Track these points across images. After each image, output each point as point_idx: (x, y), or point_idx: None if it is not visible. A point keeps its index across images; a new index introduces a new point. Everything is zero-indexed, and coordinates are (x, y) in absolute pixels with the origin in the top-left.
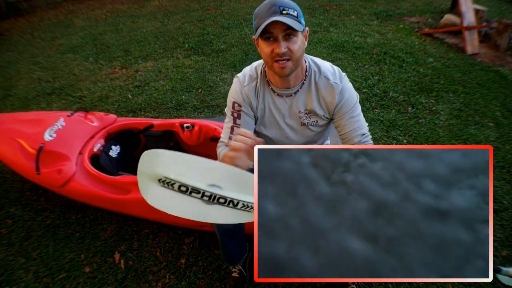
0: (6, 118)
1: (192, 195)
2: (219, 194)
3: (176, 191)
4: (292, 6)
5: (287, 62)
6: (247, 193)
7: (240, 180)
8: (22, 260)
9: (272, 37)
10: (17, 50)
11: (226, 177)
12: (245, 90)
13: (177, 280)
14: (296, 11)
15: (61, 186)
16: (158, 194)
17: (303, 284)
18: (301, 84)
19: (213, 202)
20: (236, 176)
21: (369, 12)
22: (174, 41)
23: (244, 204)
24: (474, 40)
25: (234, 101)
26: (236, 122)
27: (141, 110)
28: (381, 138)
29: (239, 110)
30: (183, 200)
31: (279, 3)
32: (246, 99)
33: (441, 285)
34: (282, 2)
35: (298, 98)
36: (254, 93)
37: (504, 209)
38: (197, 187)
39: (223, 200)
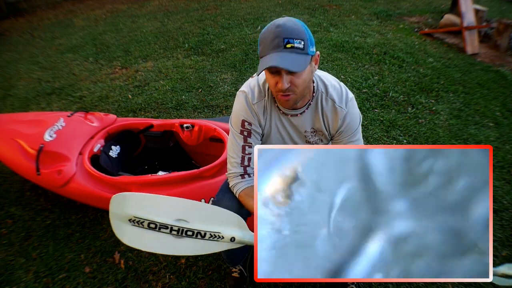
0: (6, 118)
1: (162, 231)
2: (186, 227)
3: (146, 228)
4: (299, 35)
5: (291, 96)
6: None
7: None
8: (22, 260)
9: (275, 70)
10: (17, 50)
11: (192, 211)
12: (254, 108)
13: (177, 280)
14: (303, 41)
15: (61, 187)
16: (131, 233)
17: (303, 284)
18: (308, 105)
19: (182, 235)
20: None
21: (369, 12)
22: (174, 41)
23: (212, 234)
24: (474, 40)
25: (244, 119)
26: (247, 141)
27: (141, 110)
28: (381, 138)
29: (249, 129)
30: (154, 236)
31: (284, 33)
32: (255, 117)
33: (441, 285)
34: (287, 31)
35: (304, 118)
36: (263, 112)
37: (504, 209)
38: (165, 223)
39: (190, 232)
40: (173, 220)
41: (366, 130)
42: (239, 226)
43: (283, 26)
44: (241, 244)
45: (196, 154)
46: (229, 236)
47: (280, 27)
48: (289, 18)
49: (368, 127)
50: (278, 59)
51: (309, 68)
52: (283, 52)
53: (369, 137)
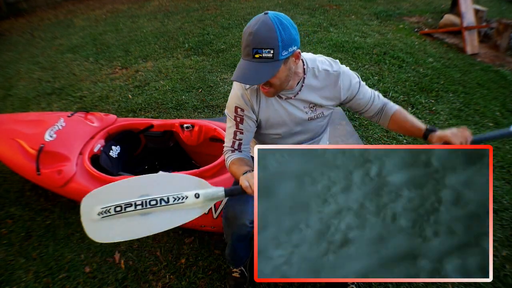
0: (6, 118)
1: (128, 211)
2: (149, 198)
3: (114, 215)
4: (269, 44)
5: (270, 89)
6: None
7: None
8: (22, 260)
9: None
10: (17, 50)
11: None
12: (247, 93)
13: (177, 280)
14: (273, 50)
15: (61, 187)
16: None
17: (303, 284)
18: (301, 85)
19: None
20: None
21: (369, 12)
22: (174, 41)
23: (175, 197)
24: (474, 40)
25: (236, 106)
26: (239, 127)
27: (141, 110)
28: (381, 138)
29: (241, 115)
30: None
31: (253, 43)
32: (248, 103)
33: (441, 285)
34: (256, 41)
35: (300, 97)
36: (256, 97)
37: (504, 209)
38: (128, 202)
39: (154, 201)
40: (136, 197)
41: (366, 130)
42: (199, 183)
43: (255, 34)
44: (210, 201)
45: (196, 154)
46: (192, 193)
47: (251, 35)
48: (264, 21)
49: (368, 127)
50: (243, 73)
51: (283, 68)
52: (251, 62)
53: (369, 137)
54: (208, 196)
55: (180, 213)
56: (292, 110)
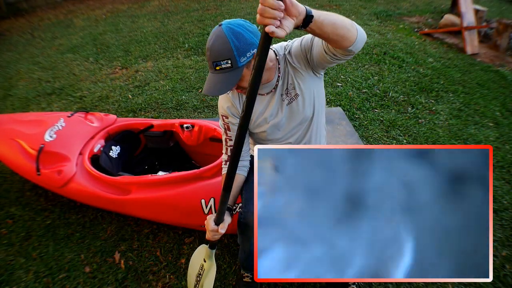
0: (6, 118)
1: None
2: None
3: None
4: (226, 55)
5: (243, 90)
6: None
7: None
8: (22, 260)
9: None
10: (17, 50)
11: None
12: (229, 98)
13: (177, 280)
14: (230, 59)
15: (61, 187)
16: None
17: (303, 284)
18: (277, 75)
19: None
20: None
21: (369, 12)
22: (174, 41)
23: (200, 270)
24: (474, 40)
25: (222, 115)
26: (228, 134)
27: (141, 110)
28: (381, 138)
29: (227, 123)
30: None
31: (212, 57)
32: (232, 108)
33: (441, 285)
34: (214, 55)
35: (280, 88)
36: (238, 99)
37: (504, 209)
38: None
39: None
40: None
41: (366, 130)
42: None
43: (211, 50)
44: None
45: (196, 154)
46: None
47: (208, 51)
48: (218, 35)
49: (368, 127)
50: (209, 86)
51: (246, 72)
52: (215, 74)
53: (369, 137)
54: (207, 256)
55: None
56: (273, 106)
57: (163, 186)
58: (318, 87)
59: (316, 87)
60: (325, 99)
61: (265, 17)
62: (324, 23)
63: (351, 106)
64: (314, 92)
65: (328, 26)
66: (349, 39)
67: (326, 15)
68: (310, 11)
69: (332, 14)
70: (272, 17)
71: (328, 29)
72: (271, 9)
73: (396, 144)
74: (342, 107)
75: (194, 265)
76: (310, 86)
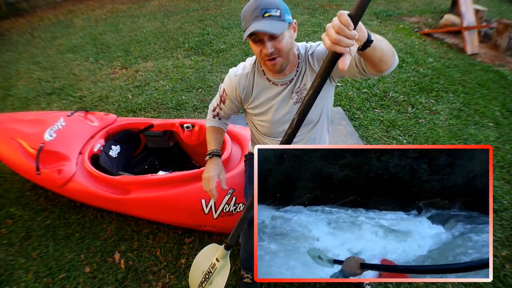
0: (6, 118)
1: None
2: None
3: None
4: (275, 5)
5: (277, 59)
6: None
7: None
8: (22, 260)
9: (258, 39)
10: (17, 50)
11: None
12: (236, 79)
13: (177, 280)
14: (279, 10)
15: (61, 186)
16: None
17: (303, 284)
18: (296, 70)
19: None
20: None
21: (369, 12)
22: (174, 41)
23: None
24: (474, 40)
25: (224, 88)
26: (220, 106)
27: (141, 110)
28: (381, 138)
29: (225, 97)
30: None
31: (262, 5)
32: (234, 88)
33: (441, 285)
34: (264, 3)
35: (293, 84)
36: (245, 82)
37: (504, 209)
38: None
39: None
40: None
41: (366, 130)
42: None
43: (260, 0)
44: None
45: (196, 154)
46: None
47: (257, 1)
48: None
49: (368, 127)
50: (258, 26)
51: (287, 33)
52: (262, 20)
53: (369, 137)
54: (221, 256)
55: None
56: (283, 97)
57: (163, 186)
58: (330, 93)
59: (328, 93)
60: (332, 105)
61: (340, 45)
62: (377, 49)
63: (351, 106)
64: (325, 97)
65: (378, 52)
66: (389, 65)
67: (379, 41)
68: (371, 36)
69: (383, 40)
70: (346, 46)
71: (378, 54)
72: (347, 40)
73: (396, 144)
74: (342, 107)
75: (201, 262)
76: (324, 92)
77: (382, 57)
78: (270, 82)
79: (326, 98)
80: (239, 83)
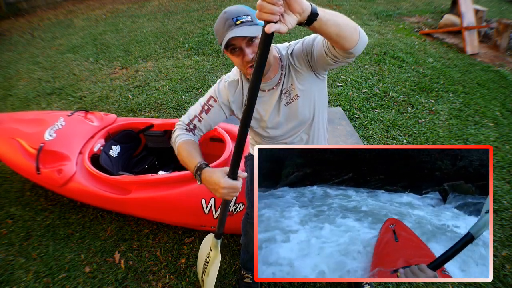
0: (6, 117)
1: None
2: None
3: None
4: (245, 12)
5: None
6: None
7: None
8: (22, 260)
9: (236, 48)
10: (17, 50)
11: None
12: (225, 86)
13: (177, 280)
14: (250, 16)
15: (61, 186)
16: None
17: (303, 284)
18: (280, 73)
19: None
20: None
21: (369, 12)
22: (174, 41)
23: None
24: (474, 40)
25: (211, 95)
26: (201, 116)
27: (141, 110)
28: (381, 138)
29: (211, 105)
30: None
31: (231, 14)
32: (221, 95)
33: (441, 285)
34: (233, 13)
35: (280, 86)
36: (234, 89)
37: (504, 209)
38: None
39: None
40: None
41: (366, 130)
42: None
43: (229, 10)
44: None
45: None
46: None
47: (226, 12)
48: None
49: (368, 127)
50: (233, 33)
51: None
52: (236, 27)
53: (369, 137)
54: (213, 246)
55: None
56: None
57: (163, 186)
58: (320, 89)
59: (317, 89)
60: (327, 101)
61: (264, 12)
62: (329, 23)
63: (351, 106)
64: (315, 94)
65: (332, 26)
66: (351, 41)
67: (331, 15)
68: (316, 9)
69: (337, 14)
70: (271, 12)
71: (332, 29)
72: (269, 4)
73: (396, 144)
74: (342, 107)
75: (202, 252)
76: (311, 88)
77: (339, 32)
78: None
79: (315, 94)
80: (229, 88)
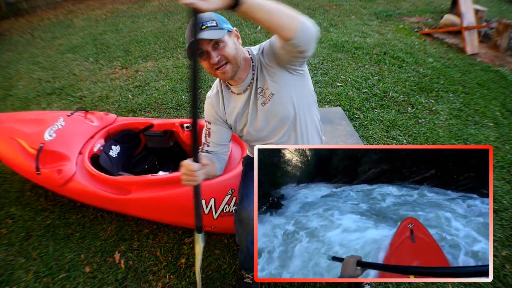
0: (6, 117)
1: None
2: None
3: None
4: (210, 17)
5: (226, 66)
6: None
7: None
8: (22, 260)
9: (203, 52)
10: (17, 50)
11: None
12: (211, 101)
13: (177, 280)
14: (215, 21)
15: (61, 186)
16: None
17: (303, 284)
18: (252, 73)
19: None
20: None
21: (369, 12)
22: (174, 41)
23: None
24: (474, 40)
25: (205, 120)
26: (207, 140)
27: (141, 110)
28: (381, 138)
29: (209, 128)
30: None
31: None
32: (212, 111)
33: (441, 285)
34: (199, 19)
35: (254, 86)
36: (218, 102)
37: (504, 209)
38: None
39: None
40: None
41: (366, 130)
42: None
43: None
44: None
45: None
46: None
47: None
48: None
49: (368, 127)
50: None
51: (229, 39)
52: (201, 32)
53: (369, 137)
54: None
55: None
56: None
57: (163, 186)
58: (298, 85)
59: (294, 85)
60: (313, 98)
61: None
62: (259, 8)
63: (351, 106)
64: (291, 91)
65: (261, 11)
66: (288, 29)
67: (264, 1)
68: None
69: (275, 3)
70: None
71: (262, 15)
72: None
73: (396, 144)
74: (342, 107)
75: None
76: (287, 85)
77: (270, 19)
78: (235, 93)
79: (291, 90)
80: (213, 103)
